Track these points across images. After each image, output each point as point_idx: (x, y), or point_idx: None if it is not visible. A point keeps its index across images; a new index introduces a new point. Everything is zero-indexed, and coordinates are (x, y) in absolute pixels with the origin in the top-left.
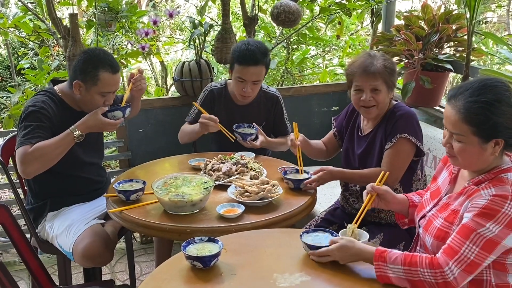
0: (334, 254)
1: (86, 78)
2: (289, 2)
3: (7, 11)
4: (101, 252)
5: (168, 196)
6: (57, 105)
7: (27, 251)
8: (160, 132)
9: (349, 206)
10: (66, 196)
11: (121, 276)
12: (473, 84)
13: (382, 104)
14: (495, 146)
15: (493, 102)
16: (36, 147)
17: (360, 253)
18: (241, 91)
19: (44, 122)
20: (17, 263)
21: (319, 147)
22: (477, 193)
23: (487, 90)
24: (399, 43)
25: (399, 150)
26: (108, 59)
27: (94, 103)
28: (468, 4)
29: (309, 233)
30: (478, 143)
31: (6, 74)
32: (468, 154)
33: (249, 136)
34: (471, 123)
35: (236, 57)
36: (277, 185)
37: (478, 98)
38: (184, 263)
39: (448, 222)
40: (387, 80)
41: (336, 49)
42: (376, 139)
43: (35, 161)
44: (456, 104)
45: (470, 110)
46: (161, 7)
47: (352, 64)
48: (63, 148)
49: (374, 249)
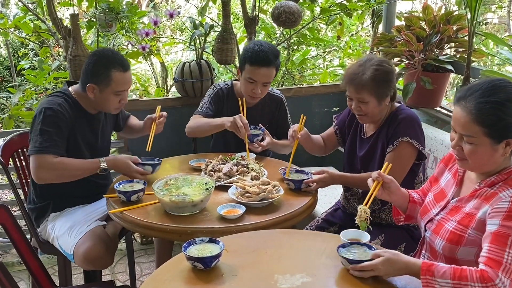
0: (378, 268)
1: (99, 80)
2: (290, 2)
3: (8, 12)
4: (102, 255)
5: (169, 197)
6: (72, 108)
7: (27, 252)
8: (160, 133)
9: (350, 206)
10: (70, 198)
11: (121, 277)
12: (483, 85)
13: (372, 113)
14: (506, 146)
15: (505, 102)
16: (61, 162)
17: (406, 267)
18: (251, 92)
19: (61, 127)
20: (17, 264)
21: (319, 143)
22: (496, 196)
23: (498, 90)
24: (399, 44)
25: (401, 154)
26: (118, 58)
27: (110, 103)
28: (469, 4)
29: (345, 247)
30: (489, 144)
31: (6, 75)
32: (479, 156)
33: (256, 137)
34: (483, 124)
35: (249, 57)
36: (278, 186)
37: (489, 98)
38: (185, 264)
39: (463, 226)
40: (374, 92)
41: (337, 50)
42: (378, 142)
43: (54, 173)
44: (467, 106)
45: (482, 110)
46: (162, 8)
47: (346, 71)
48: (85, 172)
49: (420, 262)
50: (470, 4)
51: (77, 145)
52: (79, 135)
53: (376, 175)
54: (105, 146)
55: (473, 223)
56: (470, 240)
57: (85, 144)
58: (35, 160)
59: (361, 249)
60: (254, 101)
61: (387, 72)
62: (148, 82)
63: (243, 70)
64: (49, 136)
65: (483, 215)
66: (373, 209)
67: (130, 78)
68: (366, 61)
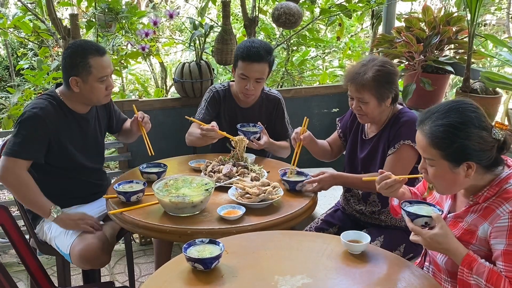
0: (425, 239)
1: (79, 71)
2: (290, 3)
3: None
4: (98, 254)
5: (168, 198)
6: (58, 110)
7: (26, 252)
8: (160, 133)
9: (350, 207)
10: (65, 198)
11: (120, 278)
12: (440, 108)
13: (372, 114)
14: (468, 169)
15: (458, 125)
16: (27, 181)
17: (450, 250)
18: (244, 89)
19: (39, 131)
20: (16, 264)
21: (325, 147)
22: (493, 213)
23: (453, 112)
24: (399, 45)
25: (402, 157)
26: (92, 44)
27: (97, 92)
28: (469, 5)
29: (412, 204)
30: (448, 167)
31: (5, 75)
32: (441, 179)
33: (252, 135)
34: (438, 147)
35: (240, 53)
36: (278, 187)
37: (442, 121)
38: (184, 265)
39: (464, 241)
40: (375, 92)
41: (336, 51)
42: (379, 144)
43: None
44: (424, 129)
45: (434, 134)
46: (161, 8)
47: (348, 70)
48: (33, 207)
49: (464, 253)
50: (470, 5)
51: (63, 147)
52: (66, 137)
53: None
54: (97, 146)
55: (475, 240)
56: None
57: (74, 146)
58: (5, 162)
59: (429, 208)
60: (249, 99)
61: (389, 73)
62: (148, 82)
63: (236, 67)
64: (23, 139)
65: (483, 233)
66: (373, 210)
67: (109, 62)
68: (369, 61)
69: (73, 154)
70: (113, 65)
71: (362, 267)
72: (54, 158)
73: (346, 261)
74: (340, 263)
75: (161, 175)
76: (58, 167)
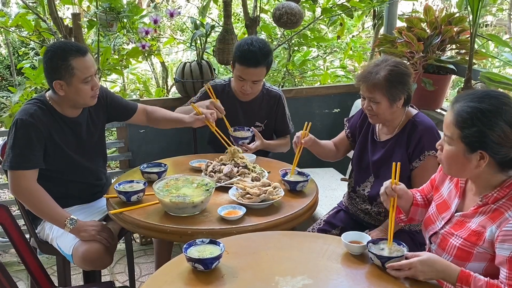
0: (417, 267)
1: (62, 74)
2: (291, 3)
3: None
4: (101, 255)
5: (169, 198)
6: (47, 115)
7: (26, 252)
8: (160, 133)
9: (354, 207)
10: (66, 198)
11: (121, 278)
12: (477, 92)
13: (383, 114)
14: (480, 159)
15: (485, 111)
16: (34, 192)
17: (445, 270)
18: (241, 89)
19: (33, 139)
20: (16, 264)
21: (329, 148)
22: (502, 216)
23: (486, 98)
24: (400, 45)
25: (428, 168)
26: (72, 45)
27: (83, 94)
28: (471, 6)
29: (375, 243)
30: (463, 151)
31: (6, 74)
32: (452, 160)
33: (240, 140)
34: (458, 125)
35: (238, 57)
36: (279, 187)
37: (473, 103)
38: (185, 265)
39: (471, 243)
40: (386, 93)
41: (338, 51)
42: (395, 150)
43: (23, 197)
44: (454, 107)
45: (460, 113)
46: (162, 8)
47: (361, 69)
48: (49, 219)
49: (459, 269)
50: (472, 5)
51: (59, 149)
52: (61, 140)
53: (390, 191)
54: (95, 147)
55: (482, 242)
56: (479, 256)
57: (69, 148)
58: (12, 176)
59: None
60: (248, 97)
61: (402, 74)
62: (149, 82)
63: (234, 67)
64: (20, 150)
65: (490, 235)
66: (379, 211)
67: (92, 61)
68: (382, 61)
69: (69, 156)
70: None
71: (363, 268)
72: (52, 161)
73: (347, 262)
74: (341, 264)
75: (161, 175)
76: (56, 169)
